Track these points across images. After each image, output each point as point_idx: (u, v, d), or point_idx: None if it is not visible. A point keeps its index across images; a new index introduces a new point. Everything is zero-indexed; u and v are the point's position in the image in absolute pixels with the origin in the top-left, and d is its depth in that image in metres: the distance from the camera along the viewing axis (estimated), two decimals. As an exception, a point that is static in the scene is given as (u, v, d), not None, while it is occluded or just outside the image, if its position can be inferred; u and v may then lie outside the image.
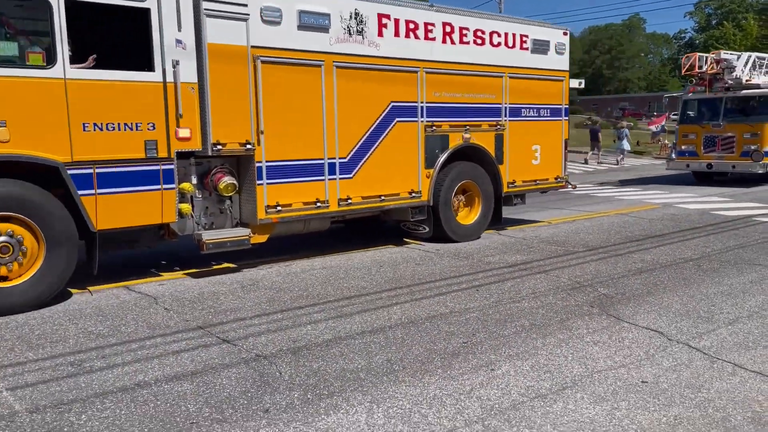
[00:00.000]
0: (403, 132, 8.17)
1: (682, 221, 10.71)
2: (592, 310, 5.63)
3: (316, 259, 7.96)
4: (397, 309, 5.70)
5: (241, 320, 5.41)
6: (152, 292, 6.33)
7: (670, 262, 7.50)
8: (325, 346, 4.75)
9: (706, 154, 17.07)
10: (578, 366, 4.31)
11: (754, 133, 16.25)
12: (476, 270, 7.24)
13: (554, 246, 8.64)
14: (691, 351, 4.58)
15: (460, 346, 4.71)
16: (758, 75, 17.14)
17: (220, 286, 6.61)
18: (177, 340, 4.90)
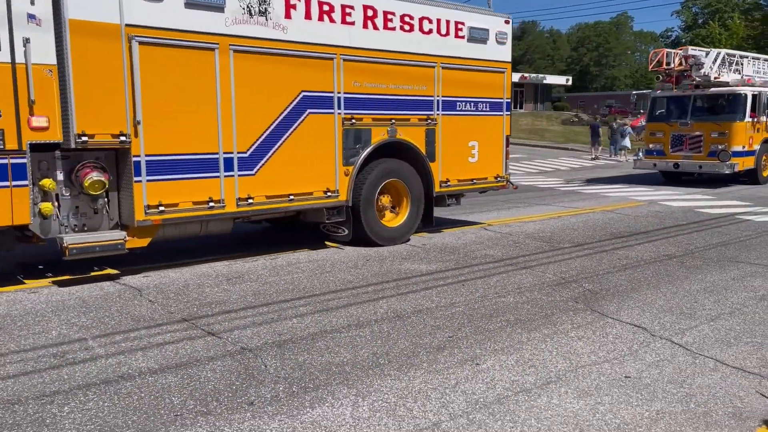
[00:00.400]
0: (316, 125, 7.45)
1: (666, 218, 10.81)
2: (576, 305, 5.67)
3: (302, 252, 7.93)
4: (383, 303, 5.70)
5: (226, 313, 5.38)
6: (137, 284, 6.28)
7: (654, 259, 7.57)
8: (311, 339, 4.74)
9: (674, 153, 16.64)
10: (562, 361, 4.34)
11: (722, 132, 15.89)
12: (462, 265, 7.26)
13: (540, 242, 8.68)
14: (673, 347, 4.63)
15: (446, 341, 4.73)
16: (727, 72, 16.66)
17: (206, 278, 6.57)
18: (161, 333, 4.86)
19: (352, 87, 7.72)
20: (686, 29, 71.83)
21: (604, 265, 7.27)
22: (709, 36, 54.06)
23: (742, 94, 16.17)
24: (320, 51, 7.41)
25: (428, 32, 8.44)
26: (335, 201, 7.74)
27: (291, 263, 7.30)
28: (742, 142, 15.99)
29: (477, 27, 8.99)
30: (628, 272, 6.91)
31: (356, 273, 6.84)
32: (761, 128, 16.60)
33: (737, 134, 15.91)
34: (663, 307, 5.62)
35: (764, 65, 18.14)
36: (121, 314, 5.31)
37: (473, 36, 8.96)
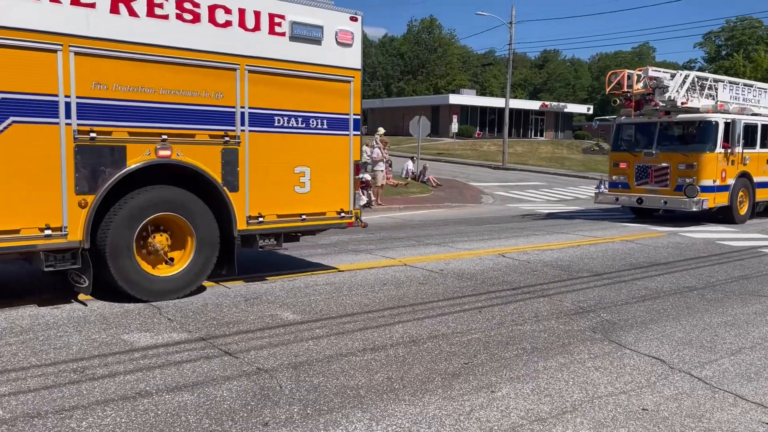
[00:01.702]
0: (26, 138, 5.56)
1: (686, 250, 10.70)
2: (594, 335, 5.62)
3: (320, 275, 7.98)
4: (399, 327, 5.71)
5: (243, 333, 5.43)
6: (156, 302, 6.36)
7: (674, 291, 7.48)
8: (326, 362, 4.76)
9: (639, 187, 14.75)
10: (579, 391, 4.31)
11: (690, 164, 14.00)
12: (479, 292, 7.25)
13: (558, 270, 8.64)
14: (692, 380, 4.57)
15: (461, 367, 4.72)
16: (699, 97, 14.80)
17: (224, 298, 6.64)
18: (179, 351, 4.92)
19: (94, 90, 5.88)
20: (709, 61, 71.66)
21: (622, 295, 7.21)
22: (732, 68, 53.89)
23: (712, 122, 14.21)
24: (34, 39, 5.53)
25: (225, 24, 6.66)
26: (62, 242, 5.80)
27: (309, 285, 7.35)
28: (713, 176, 14.03)
29: (304, 23, 7.18)
30: (647, 303, 6.84)
31: (373, 297, 6.86)
32: (736, 160, 14.61)
33: (706, 167, 13.95)
34: (682, 339, 5.55)
35: (744, 91, 16.32)
36: (140, 331, 5.38)
37: (298, 34, 7.14)
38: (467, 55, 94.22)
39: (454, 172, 29.83)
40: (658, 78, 14.33)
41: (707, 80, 15.31)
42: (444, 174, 26.80)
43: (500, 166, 35.97)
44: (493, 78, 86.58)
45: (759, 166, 15.42)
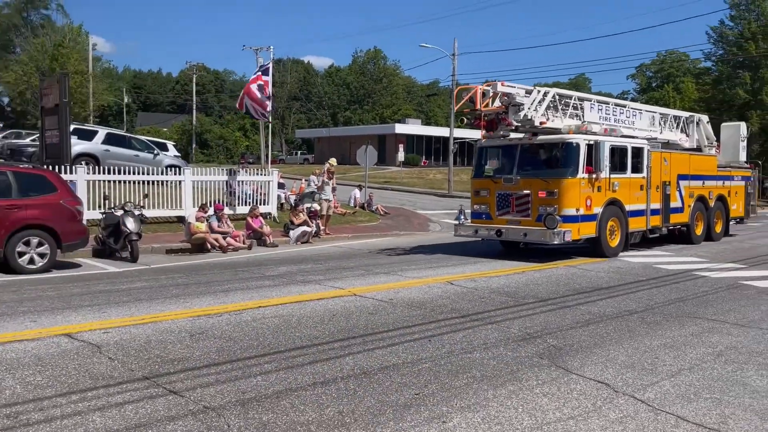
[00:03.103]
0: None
1: (626, 274, 11.06)
2: (541, 361, 5.71)
3: (268, 307, 7.85)
4: (349, 359, 5.66)
5: (189, 370, 5.27)
6: (96, 340, 6.12)
7: (616, 315, 7.71)
8: (276, 397, 4.66)
9: (500, 217, 13.23)
10: (528, 418, 4.36)
11: (550, 191, 12.50)
12: (429, 320, 7.28)
13: (505, 297, 8.78)
14: (636, 403, 4.69)
15: (413, 398, 4.70)
16: (561, 117, 13.40)
17: (168, 334, 6.44)
18: (121, 392, 4.73)
19: None
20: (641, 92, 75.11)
21: (567, 320, 7.37)
22: (662, 98, 56.66)
23: (573, 144, 12.64)
24: None
25: None
26: None
27: (256, 318, 7.22)
28: (576, 204, 12.45)
29: None
30: (591, 327, 7.02)
31: (322, 329, 6.79)
32: (603, 186, 12.98)
33: (568, 194, 12.42)
34: (625, 362, 5.70)
35: (615, 111, 14.86)
36: (78, 372, 5.15)
37: None
38: (412, 85, 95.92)
39: (401, 200, 30.07)
40: (509, 94, 12.71)
41: (571, 98, 13.87)
42: (392, 202, 26.98)
43: (446, 194, 36.49)
44: (438, 108, 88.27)
45: (631, 193, 13.86)
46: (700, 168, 16.59)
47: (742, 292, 9.34)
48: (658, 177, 14.71)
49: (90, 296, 8.52)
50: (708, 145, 17.66)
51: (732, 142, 18.81)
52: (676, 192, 15.41)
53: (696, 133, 17.46)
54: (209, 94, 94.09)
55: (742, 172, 18.67)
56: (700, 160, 16.77)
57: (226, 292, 8.92)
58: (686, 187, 15.78)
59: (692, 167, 16.17)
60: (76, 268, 11.53)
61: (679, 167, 15.61)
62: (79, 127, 21.29)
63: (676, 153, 15.95)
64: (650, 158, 14.38)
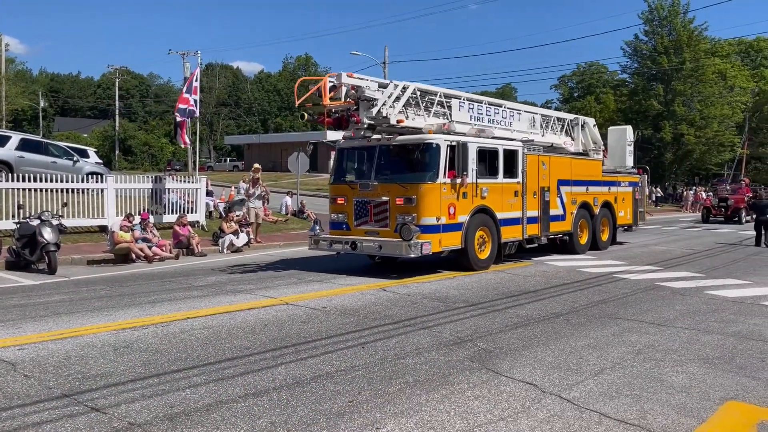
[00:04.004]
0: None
1: (552, 278, 11.44)
2: (472, 364, 5.82)
3: (196, 318, 7.64)
4: (282, 369, 5.58)
5: (112, 386, 5.05)
6: (10, 357, 5.77)
7: (543, 317, 7.96)
8: (205, 411, 4.54)
9: (359, 227, 11.85)
10: (460, 421, 4.43)
11: (408, 197, 11.20)
12: (362, 327, 7.28)
13: (437, 302, 8.90)
14: (562, 402, 4.85)
15: (346, 406, 4.69)
16: (424, 116, 12.13)
17: (90, 349, 6.16)
18: (38, 411, 4.48)
19: None
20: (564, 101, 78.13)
21: (497, 323, 7.55)
22: (584, 108, 59.11)
23: (432, 145, 11.40)
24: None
25: None
26: None
27: (184, 330, 7.01)
28: (436, 212, 11.19)
29: None
30: (520, 330, 7.21)
31: (254, 339, 6.67)
32: (469, 192, 11.80)
33: (427, 201, 11.15)
34: (552, 363, 5.89)
35: (490, 110, 13.72)
36: (-10, 392, 4.84)
37: None
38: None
39: (333, 207, 29.92)
40: (358, 87, 11.25)
41: (436, 95, 12.51)
42: (324, 209, 26.83)
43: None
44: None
45: (504, 199, 12.76)
46: (584, 173, 15.68)
47: (658, 293, 9.85)
48: (536, 182, 13.74)
49: (3, 311, 8.03)
50: (594, 149, 17.04)
51: (619, 147, 18.27)
52: (556, 198, 14.47)
53: (582, 137, 16.79)
54: (133, 99, 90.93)
55: (629, 177, 18.03)
56: (584, 165, 15.87)
57: (152, 303, 8.62)
58: (568, 194, 14.88)
59: (575, 172, 15.24)
60: (-13, 281, 10.85)
61: (559, 172, 14.62)
62: None
63: (556, 157, 14.82)
64: (526, 162, 13.35)
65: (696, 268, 12.75)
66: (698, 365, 5.87)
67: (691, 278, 11.39)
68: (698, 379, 5.44)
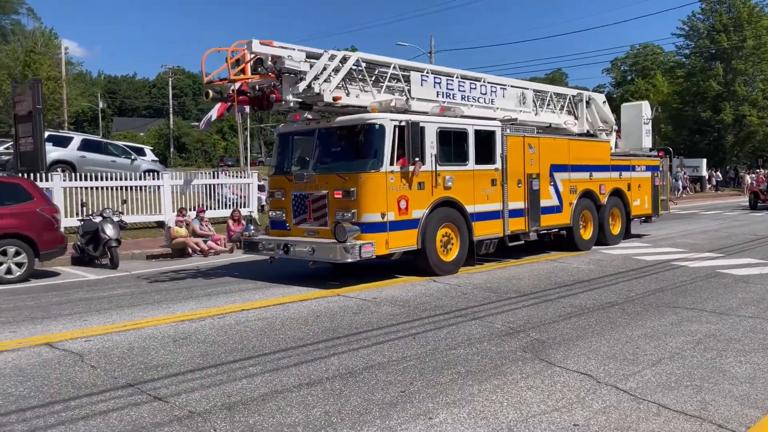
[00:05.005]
0: None
1: (606, 266, 11.19)
2: (525, 355, 5.77)
3: (251, 310, 7.83)
4: (334, 359, 5.66)
5: (173, 376, 5.24)
6: (77, 349, 6.05)
7: (597, 306, 7.80)
8: (261, 400, 4.66)
9: (298, 226, 10.17)
10: (513, 411, 4.40)
11: (347, 190, 9.43)
12: (413, 318, 7.31)
13: (488, 292, 8.84)
14: (618, 393, 4.76)
15: (398, 396, 4.73)
16: (372, 92, 10.30)
17: (151, 340, 6.39)
18: (104, 400, 4.69)
19: None
20: (617, 85, 75.90)
21: (549, 313, 7.45)
22: (637, 92, 57.32)
23: (375, 126, 9.56)
24: None
25: None
26: None
27: (240, 322, 7.19)
28: (380, 207, 9.38)
29: None
30: (573, 320, 7.10)
31: (307, 330, 6.79)
32: (428, 182, 9.98)
33: (368, 193, 9.37)
34: (607, 353, 5.78)
35: (463, 85, 11.61)
36: (60, 382, 5.10)
37: None
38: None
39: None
40: (279, 57, 9.35)
41: (389, 67, 10.53)
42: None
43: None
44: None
45: (477, 190, 10.84)
46: (586, 156, 13.51)
47: (719, 281, 9.51)
48: (521, 168, 11.75)
49: (70, 305, 8.42)
50: (604, 129, 14.94)
51: (635, 126, 15.92)
52: (549, 187, 12.40)
53: (588, 115, 14.67)
54: (186, 98, 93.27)
55: (647, 161, 15.68)
56: (586, 147, 13.68)
57: (208, 296, 8.87)
58: (565, 181, 12.80)
59: (574, 156, 13.09)
60: (54, 276, 11.38)
61: (553, 156, 12.54)
62: (54, 133, 21.02)
63: (547, 138, 12.67)
64: (506, 145, 11.38)
65: (760, 255, 12.24)
66: (763, 355, 5.65)
67: (755, 265, 10.94)
68: (763, 369, 5.24)
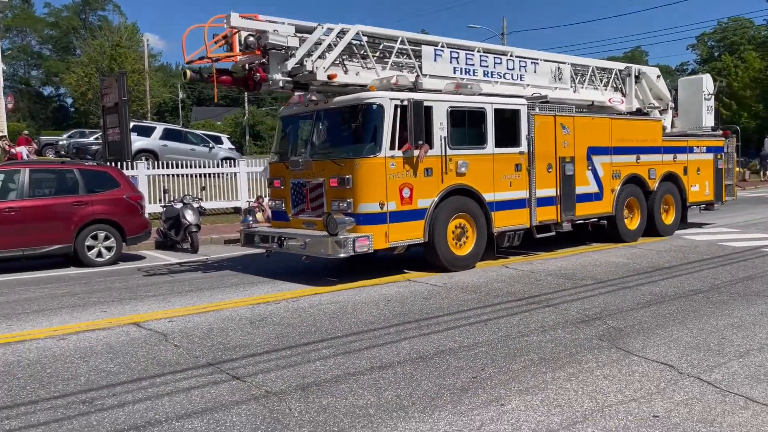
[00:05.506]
0: None
1: (689, 253, 10.69)
2: (601, 343, 5.61)
3: (324, 294, 7.98)
4: (405, 344, 5.70)
5: (250, 356, 5.42)
6: (162, 329, 6.37)
7: (679, 295, 7.48)
8: (334, 382, 4.75)
9: (297, 217, 9.49)
10: (588, 400, 4.30)
11: (342, 177, 8.62)
12: (484, 304, 7.24)
13: (562, 279, 8.64)
14: (702, 384, 4.55)
15: (470, 381, 4.71)
16: (376, 69, 9.41)
17: (229, 322, 6.64)
18: (187, 377, 4.92)
19: None
20: (702, 62, 71.94)
21: (627, 301, 7.20)
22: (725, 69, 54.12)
23: (372, 106, 8.67)
24: None
25: None
26: None
27: (313, 305, 7.35)
28: (379, 196, 8.54)
29: None
30: (653, 308, 6.84)
31: (378, 314, 6.86)
32: (438, 168, 9.09)
33: (365, 181, 8.55)
34: (690, 343, 5.54)
35: (487, 61, 10.60)
36: (147, 359, 5.38)
37: None
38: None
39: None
40: (263, 32, 8.57)
41: (396, 41, 9.61)
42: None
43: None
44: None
45: (497, 176, 9.87)
46: (632, 137, 12.16)
47: (815, 269, 8.90)
48: (551, 151, 10.66)
49: (155, 286, 8.86)
50: (657, 107, 13.57)
51: (694, 102, 14.18)
52: (586, 172, 11.26)
53: (638, 92, 13.39)
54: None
55: (708, 141, 14.06)
56: (632, 127, 12.29)
57: (283, 279, 9.11)
58: (606, 165, 11.60)
59: (617, 137, 11.82)
60: (140, 260, 11.99)
61: (591, 137, 11.34)
62: (138, 124, 22.07)
63: (583, 117, 11.44)
64: (533, 125, 10.33)
65: None
66: None
67: None
68: None
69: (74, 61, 54.38)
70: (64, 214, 10.87)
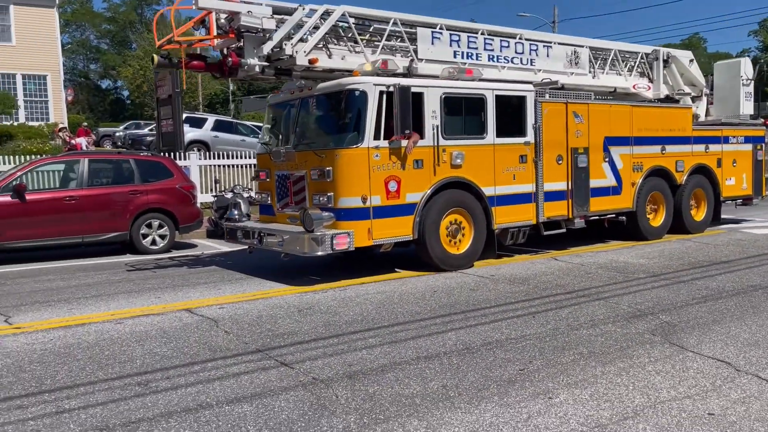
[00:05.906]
0: None
1: (748, 247, 10.29)
2: (653, 338, 5.47)
3: (370, 284, 8.02)
4: (451, 335, 5.68)
5: (298, 344, 5.51)
6: (213, 315, 6.53)
7: (737, 290, 7.21)
8: (381, 370, 4.78)
9: (282, 211, 9.02)
10: (640, 396, 4.20)
11: (322, 170, 8.10)
12: (532, 296, 7.15)
13: (613, 272, 8.44)
14: (761, 382, 4.39)
15: (517, 373, 4.66)
16: (365, 53, 8.77)
17: (278, 309, 6.75)
18: (237, 363, 5.03)
19: None
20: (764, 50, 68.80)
21: (682, 296, 6.99)
22: (790, 55, 51.53)
23: (355, 92, 8.10)
24: None
25: None
26: None
27: (360, 294, 7.40)
28: (362, 190, 7.99)
29: None
30: (709, 304, 6.61)
31: (424, 305, 6.85)
32: (429, 160, 8.44)
33: (346, 173, 8.00)
34: (748, 340, 5.34)
35: (493, 44, 9.82)
36: (199, 344, 5.53)
37: None
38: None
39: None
40: (236, 13, 7.97)
41: (388, 23, 8.92)
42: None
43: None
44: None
45: (498, 167, 9.16)
46: (656, 126, 11.22)
47: None
48: (562, 141, 9.88)
49: (206, 274, 9.08)
50: (688, 93, 12.45)
51: (730, 88, 12.87)
52: (602, 164, 10.45)
53: (668, 78, 12.27)
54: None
55: (746, 130, 12.85)
56: (656, 115, 11.33)
57: (330, 270, 9.20)
58: (625, 156, 10.75)
59: (638, 126, 10.91)
60: (192, 248, 12.31)
61: (608, 126, 10.51)
62: (191, 115, 22.58)
63: (599, 104, 10.53)
64: (541, 113, 9.58)
65: None
66: None
67: None
68: None
69: (130, 54, 56.03)
70: (121, 202, 11.25)
